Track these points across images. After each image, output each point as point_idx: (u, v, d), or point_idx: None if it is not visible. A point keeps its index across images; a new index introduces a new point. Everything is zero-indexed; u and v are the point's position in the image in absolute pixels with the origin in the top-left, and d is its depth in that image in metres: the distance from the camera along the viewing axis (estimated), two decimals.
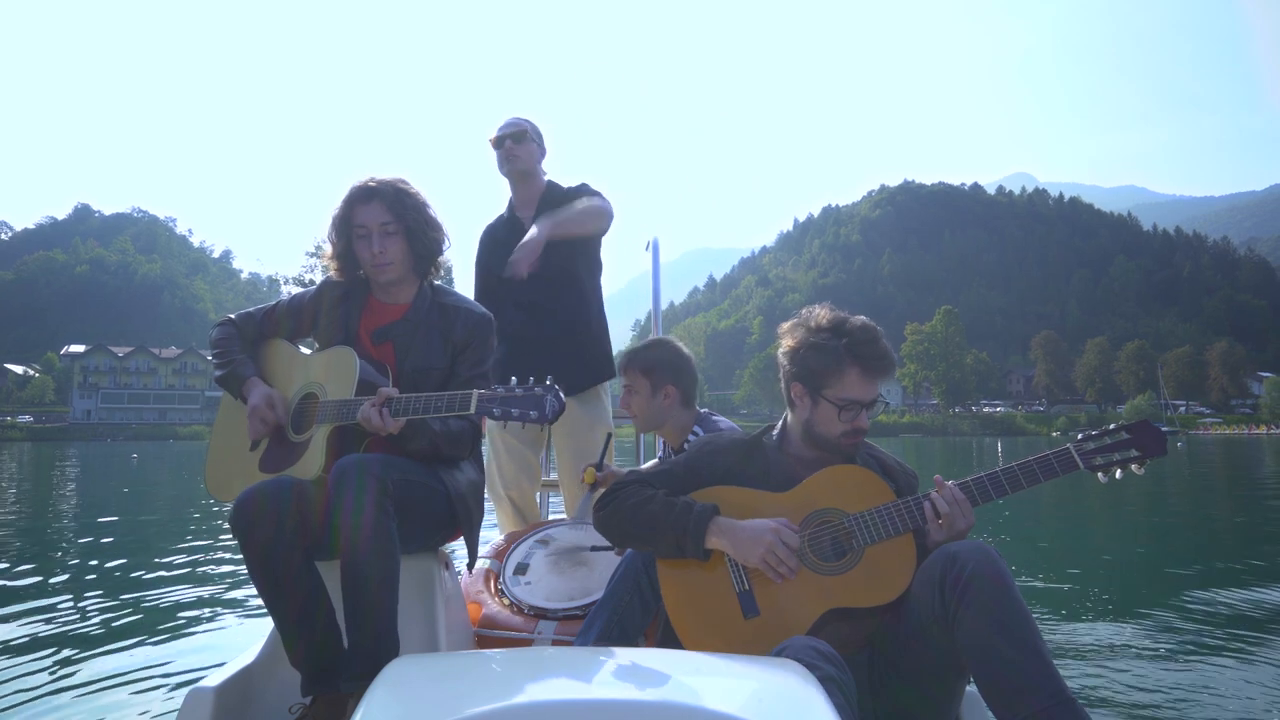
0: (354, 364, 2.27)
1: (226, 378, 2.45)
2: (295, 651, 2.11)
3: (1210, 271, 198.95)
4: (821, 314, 2.06)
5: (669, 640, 1.99)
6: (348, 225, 2.42)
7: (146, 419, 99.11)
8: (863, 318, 2.04)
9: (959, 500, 1.88)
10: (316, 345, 2.55)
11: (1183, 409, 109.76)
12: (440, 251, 2.52)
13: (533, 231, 3.25)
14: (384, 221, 2.38)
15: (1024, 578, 6.10)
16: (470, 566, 2.56)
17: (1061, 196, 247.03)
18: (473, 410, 2.03)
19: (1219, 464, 25.77)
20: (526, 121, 3.55)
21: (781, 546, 1.87)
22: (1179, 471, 20.95)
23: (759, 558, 1.87)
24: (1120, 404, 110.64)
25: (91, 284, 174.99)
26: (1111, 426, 1.93)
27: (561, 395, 2.00)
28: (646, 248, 4.51)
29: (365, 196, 2.40)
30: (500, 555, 3.05)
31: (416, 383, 2.35)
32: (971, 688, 1.86)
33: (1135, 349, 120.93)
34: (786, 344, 2.08)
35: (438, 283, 2.56)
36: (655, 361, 2.88)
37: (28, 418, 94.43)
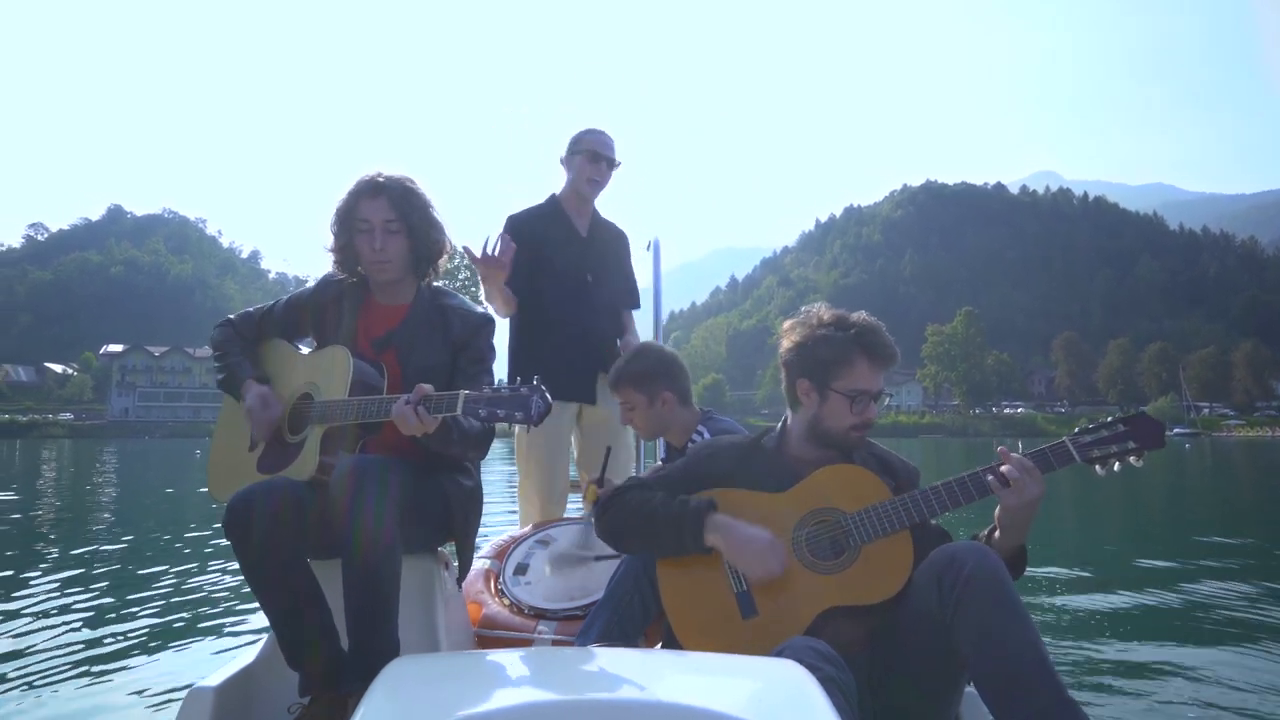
0: (348, 364, 2.23)
1: (226, 380, 2.46)
2: (291, 652, 2.12)
3: (1237, 272, 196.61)
4: (823, 311, 2.10)
5: (671, 641, 2.02)
6: (351, 218, 2.40)
7: (181, 417, 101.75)
8: (863, 312, 2.09)
9: (1029, 468, 1.84)
10: (315, 344, 2.54)
11: (1206, 411, 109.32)
12: (441, 254, 2.50)
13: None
14: (388, 219, 2.36)
15: (1033, 569, 6.46)
16: (461, 580, 2.61)
17: (1086, 196, 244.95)
18: (459, 411, 2.00)
19: (1240, 466, 25.78)
20: (614, 146, 3.62)
21: (772, 560, 1.90)
22: (1195, 472, 21.22)
23: (747, 565, 1.91)
24: (1143, 405, 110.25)
25: (126, 284, 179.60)
26: (1109, 419, 1.92)
27: (548, 396, 1.98)
28: (647, 248, 4.35)
29: (372, 191, 2.38)
30: (500, 555, 3.01)
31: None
32: (971, 688, 1.87)
33: (1158, 350, 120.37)
34: (791, 341, 2.10)
35: (437, 284, 2.57)
36: (645, 371, 2.89)
37: (68, 415, 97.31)
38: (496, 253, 3.13)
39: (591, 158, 3.54)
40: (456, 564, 2.52)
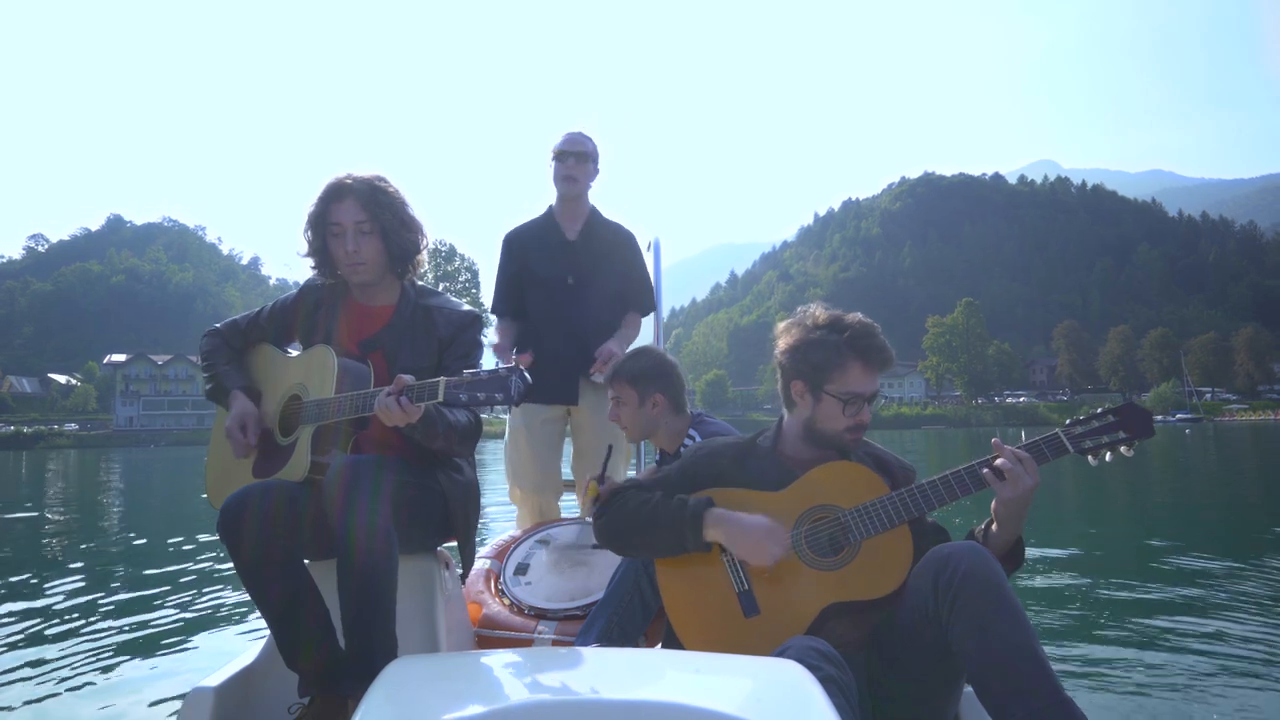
0: (332, 363, 2.24)
1: (214, 391, 2.46)
2: (289, 653, 2.11)
3: (1236, 257, 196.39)
4: (818, 312, 2.10)
5: (671, 641, 2.02)
6: (323, 222, 2.39)
7: (185, 425, 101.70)
8: (859, 314, 2.09)
9: (1024, 459, 1.86)
10: (302, 349, 2.52)
11: (1208, 396, 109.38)
12: (417, 251, 2.48)
13: (614, 347, 3.45)
14: (359, 220, 2.35)
15: (1030, 565, 6.18)
16: (464, 577, 2.58)
17: (1084, 184, 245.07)
18: (440, 397, 1.99)
19: (1243, 449, 25.65)
20: (590, 141, 3.59)
21: (774, 545, 1.91)
22: (1199, 460, 21.05)
23: (751, 552, 1.91)
24: (1145, 392, 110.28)
25: (127, 293, 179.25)
26: (1099, 410, 1.95)
27: (527, 376, 1.97)
28: (648, 248, 4.22)
29: (340, 194, 2.37)
30: (500, 555, 3.00)
31: None
32: (969, 688, 1.88)
33: (1158, 336, 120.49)
34: (785, 342, 2.10)
35: (420, 283, 2.55)
36: (640, 371, 2.89)
37: (73, 426, 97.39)
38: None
39: (558, 157, 3.57)
40: (457, 563, 2.53)
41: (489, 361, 2.52)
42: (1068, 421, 1.96)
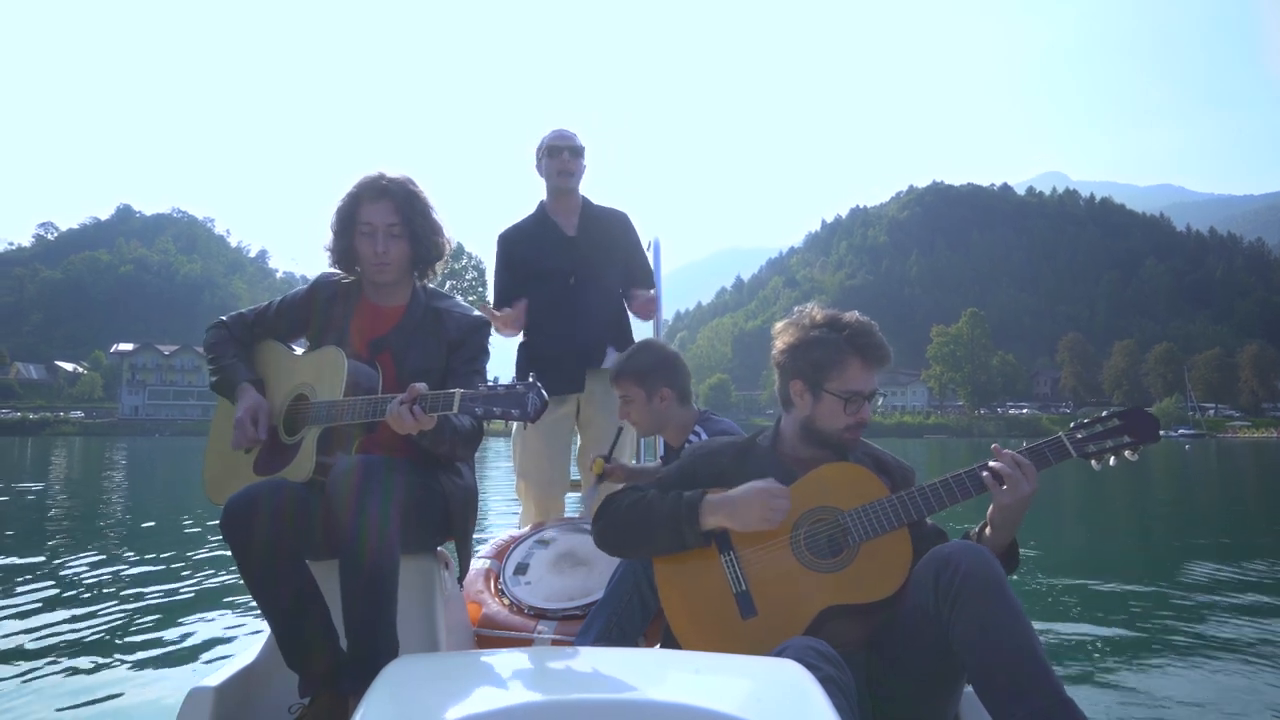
0: (342, 364, 2.22)
1: (220, 383, 2.42)
2: (290, 652, 2.11)
3: (1244, 273, 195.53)
4: (816, 311, 2.10)
5: (671, 641, 2.01)
6: (353, 220, 2.38)
7: (190, 415, 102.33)
8: (856, 312, 2.08)
9: (1023, 464, 1.86)
10: (310, 346, 2.50)
11: (1211, 412, 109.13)
12: (441, 255, 2.48)
13: (652, 295, 3.80)
14: (390, 222, 2.34)
15: (1029, 566, 6.24)
16: (461, 579, 2.57)
17: (1093, 197, 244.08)
18: (455, 409, 1.98)
19: (1243, 465, 26.05)
20: (577, 136, 3.65)
21: (775, 500, 1.90)
22: (1202, 471, 21.36)
23: (758, 517, 1.90)
24: (1148, 406, 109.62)
25: (135, 283, 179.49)
26: (1104, 414, 1.93)
27: (544, 393, 1.95)
28: (648, 247, 4.22)
29: (376, 194, 2.36)
30: (500, 555, 3.00)
31: None
32: (969, 688, 1.88)
33: (1163, 351, 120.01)
34: (784, 342, 2.10)
35: (433, 285, 2.55)
36: (646, 366, 2.88)
37: (79, 413, 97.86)
38: (514, 317, 3.50)
39: (551, 153, 3.63)
40: (456, 563, 2.54)
41: (493, 366, 2.54)
42: (1071, 425, 1.95)
